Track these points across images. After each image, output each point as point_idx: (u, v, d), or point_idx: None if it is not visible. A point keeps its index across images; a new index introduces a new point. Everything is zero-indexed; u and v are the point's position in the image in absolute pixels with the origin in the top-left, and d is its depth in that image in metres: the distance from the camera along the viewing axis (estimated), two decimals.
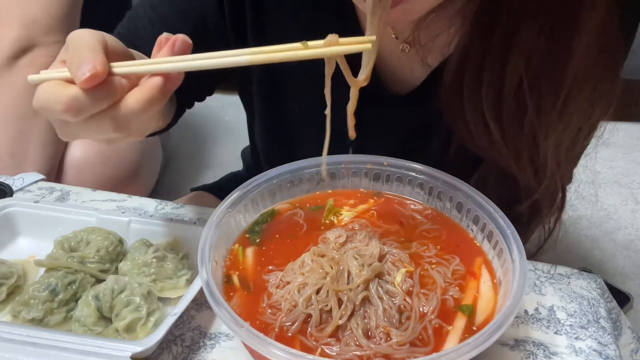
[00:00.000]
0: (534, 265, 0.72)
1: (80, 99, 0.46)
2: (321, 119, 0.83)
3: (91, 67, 0.46)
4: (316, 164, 0.70)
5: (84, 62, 0.46)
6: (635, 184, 1.85)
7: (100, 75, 0.46)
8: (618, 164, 1.88)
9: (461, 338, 0.54)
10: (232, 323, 0.49)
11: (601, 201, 1.78)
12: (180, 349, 0.61)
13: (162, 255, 0.67)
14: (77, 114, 0.47)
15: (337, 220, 0.69)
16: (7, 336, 0.55)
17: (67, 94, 0.46)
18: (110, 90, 0.48)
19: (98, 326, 0.60)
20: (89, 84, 0.46)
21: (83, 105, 0.46)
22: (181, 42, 0.52)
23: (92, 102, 0.47)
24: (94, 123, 0.48)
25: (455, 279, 0.60)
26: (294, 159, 0.70)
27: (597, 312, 0.66)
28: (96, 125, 0.49)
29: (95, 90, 0.46)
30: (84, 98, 0.46)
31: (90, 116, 0.48)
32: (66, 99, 0.46)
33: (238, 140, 1.39)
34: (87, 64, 0.46)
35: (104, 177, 1.18)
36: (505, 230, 0.60)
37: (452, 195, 0.67)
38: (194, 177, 1.84)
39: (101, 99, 0.47)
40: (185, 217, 0.80)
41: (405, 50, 0.72)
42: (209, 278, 0.53)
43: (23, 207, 0.75)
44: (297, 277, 0.57)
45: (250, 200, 0.67)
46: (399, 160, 0.70)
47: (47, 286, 0.62)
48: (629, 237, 1.68)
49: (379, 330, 0.53)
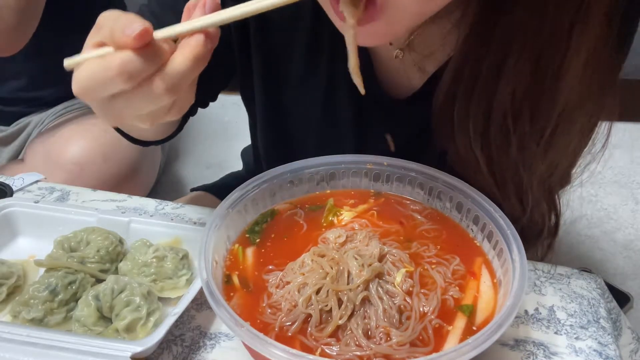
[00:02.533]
0: (534, 265, 0.72)
1: (133, 60, 0.45)
2: (321, 122, 0.83)
3: (140, 24, 0.45)
4: (316, 164, 0.70)
5: (131, 22, 0.45)
6: (635, 184, 1.85)
7: (150, 32, 0.46)
8: (618, 164, 1.88)
9: (461, 338, 0.54)
10: (232, 323, 0.49)
11: (601, 201, 1.78)
12: (180, 349, 0.61)
13: (162, 255, 0.67)
14: (130, 78, 0.46)
15: (337, 220, 0.69)
16: (7, 336, 0.55)
17: (118, 60, 0.45)
18: (157, 50, 0.47)
19: (98, 326, 0.60)
20: (141, 41, 0.45)
21: (136, 67, 0.45)
22: (211, 2, 0.51)
23: (144, 61, 0.46)
24: (145, 88, 0.48)
25: (455, 279, 0.60)
26: (294, 159, 0.70)
27: (597, 312, 0.66)
28: (148, 91, 0.48)
29: (144, 50, 0.46)
30: (135, 59, 0.45)
31: (140, 83, 0.47)
32: (118, 64, 0.45)
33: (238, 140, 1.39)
34: (135, 22, 0.45)
35: (105, 176, 1.19)
36: (505, 230, 0.60)
37: (452, 195, 0.67)
38: (194, 177, 1.84)
39: (151, 58, 0.46)
40: (185, 217, 0.80)
41: (399, 57, 0.72)
42: (209, 278, 0.53)
43: (23, 207, 0.75)
44: (297, 277, 0.57)
45: (250, 200, 0.67)
46: (399, 160, 0.70)
47: (47, 286, 0.62)
48: (629, 237, 1.68)
49: (379, 330, 0.53)
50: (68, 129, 1.22)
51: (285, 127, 0.85)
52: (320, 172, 0.71)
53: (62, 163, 1.15)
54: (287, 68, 0.78)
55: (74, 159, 1.15)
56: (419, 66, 0.72)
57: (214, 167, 1.90)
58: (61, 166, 1.15)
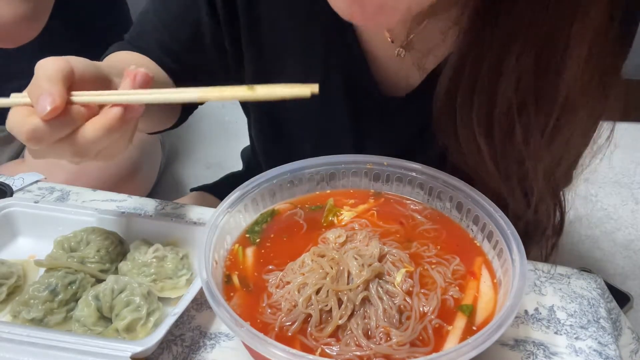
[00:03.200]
0: (534, 265, 0.72)
1: (41, 129, 0.50)
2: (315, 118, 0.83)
3: (50, 100, 0.49)
4: (316, 164, 0.70)
5: (42, 95, 0.50)
6: (635, 184, 1.85)
7: (59, 108, 0.50)
8: (618, 164, 1.88)
9: (461, 338, 0.54)
10: (232, 323, 0.49)
11: (601, 201, 1.78)
12: (180, 349, 0.61)
13: (162, 255, 0.67)
14: (38, 143, 0.51)
15: (337, 220, 0.69)
16: (7, 336, 0.55)
17: (29, 125, 0.50)
18: (68, 119, 0.52)
19: (98, 326, 0.60)
20: (48, 117, 0.50)
21: (43, 135, 0.51)
22: (142, 76, 0.55)
23: (52, 131, 0.51)
24: (54, 149, 0.53)
25: (456, 279, 0.60)
26: (292, 158, 0.70)
27: (597, 312, 0.66)
28: (57, 151, 0.53)
29: (54, 120, 0.50)
30: (44, 128, 0.50)
31: (50, 144, 0.52)
32: (27, 130, 0.50)
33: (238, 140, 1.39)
34: (46, 97, 0.50)
35: (105, 176, 1.19)
36: (505, 230, 0.60)
37: (452, 195, 0.67)
38: (194, 177, 1.84)
39: (60, 128, 0.51)
40: (185, 217, 0.80)
41: (400, 55, 0.72)
42: (209, 278, 0.53)
43: (23, 207, 0.75)
44: (297, 277, 0.57)
45: (250, 200, 0.67)
46: (399, 160, 0.70)
47: (47, 286, 0.62)
48: (629, 237, 1.68)
49: (379, 330, 0.53)
50: None
51: (280, 123, 0.85)
52: (320, 172, 0.71)
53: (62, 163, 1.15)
54: (280, 64, 0.78)
55: None
56: (418, 64, 0.72)
57: (214, 167, 1.90)
58: (61, 166, 1.15)
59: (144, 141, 1.34)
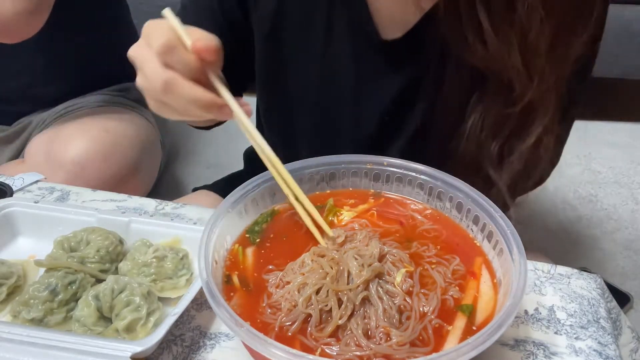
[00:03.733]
0: (534, 265, 0.72)
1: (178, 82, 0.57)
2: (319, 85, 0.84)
3: (216, 42, 0.58)
4: (316, 164, 0.70)
5: (208, 36, 0.58)
6: (635, 184, 1.85)
7: (218, 51, 0.58)
8: (618, 164, 1.87)
9: (461, 338, 0.54)
10: (232, 323, 0.49)
11: (601, 201, 1.78)
12: (180, 349, 0.61)
13: (162, 255, 0.67)
14: (169, 92, 0.57)
15: (337, 220, 0.69)
16: (7, 336, 0.55)
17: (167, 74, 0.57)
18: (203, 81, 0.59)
19: (98, 326, 0.60)
20: (206, 55, 0.57)
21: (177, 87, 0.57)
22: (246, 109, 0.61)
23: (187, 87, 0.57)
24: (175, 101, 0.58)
25: (456, 279, 0.60)
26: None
27: (597, 312, 0.66)
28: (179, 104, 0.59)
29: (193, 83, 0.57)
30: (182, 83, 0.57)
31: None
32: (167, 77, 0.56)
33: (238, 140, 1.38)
34: (212, 38, 0.58)
35: (105, 176, 1.18)
36: (505, 230, 0.60)
37: (452, 195, 0.67)
38: (194, 177, 1.84)
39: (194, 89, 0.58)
40: (185, 217, 0.80)
41: None
42: (209, 278, 0.53)
43: (23, 207, 0.75)
44: (297, 277, 0.57)
45: (250, 200, 0.67)
46: (399, 160, 0.70)
47: (47, 286, 0.62)
48: (629, 237, 1.68)
49: (379, 330, 0.53)
50: (68, 129, 1.22)
51: (284, 86, 0.87)
52: (320, 172, 0.71)
53: (63, 163, 1.15)
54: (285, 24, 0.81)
55: (74, 159, 1.15)
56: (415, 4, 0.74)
57: (215, 167, 1.89)
58: (61, 166, 1.15)
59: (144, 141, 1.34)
